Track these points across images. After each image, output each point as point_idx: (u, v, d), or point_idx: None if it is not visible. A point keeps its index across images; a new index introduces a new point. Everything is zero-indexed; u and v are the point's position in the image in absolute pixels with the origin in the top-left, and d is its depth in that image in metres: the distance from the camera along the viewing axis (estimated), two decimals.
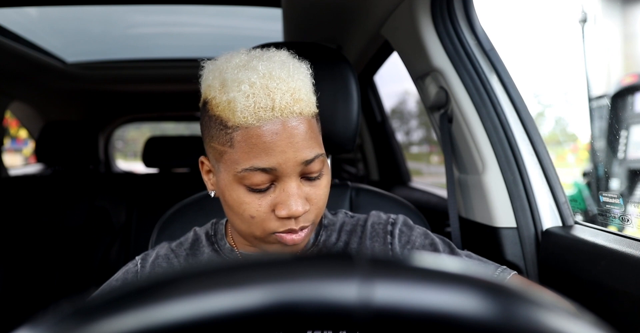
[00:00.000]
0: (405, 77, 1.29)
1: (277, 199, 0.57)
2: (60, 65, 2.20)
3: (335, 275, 0.21)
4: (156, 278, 0.22)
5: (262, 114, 0.54)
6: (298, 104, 0.56)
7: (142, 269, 0.69)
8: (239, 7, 1.63)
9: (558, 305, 0.22)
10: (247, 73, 0.56)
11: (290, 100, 0.55)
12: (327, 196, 0.62)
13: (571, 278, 0.85)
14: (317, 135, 0.60)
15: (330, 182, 0.63)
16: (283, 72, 0.56)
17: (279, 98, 0.54)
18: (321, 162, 0.59)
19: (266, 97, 0.54)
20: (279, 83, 0.55)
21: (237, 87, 0.55)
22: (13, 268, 1.75)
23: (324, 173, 0.61)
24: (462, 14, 1.06)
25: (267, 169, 0.55)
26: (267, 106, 0.54)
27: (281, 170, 0.56)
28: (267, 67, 0.56)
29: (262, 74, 0.55)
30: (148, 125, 6.82)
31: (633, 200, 2.26)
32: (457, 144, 1.12)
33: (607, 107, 2.69)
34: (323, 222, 0.74)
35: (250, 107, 0.54)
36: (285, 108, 0.55)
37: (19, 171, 2.67)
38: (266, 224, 0.58)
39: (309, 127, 0.58)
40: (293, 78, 0.57)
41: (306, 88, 0.58)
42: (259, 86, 0.55)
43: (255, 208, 0.58)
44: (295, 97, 0.56)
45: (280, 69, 0.57)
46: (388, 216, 0.74)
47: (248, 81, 0.55)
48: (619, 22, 3.28)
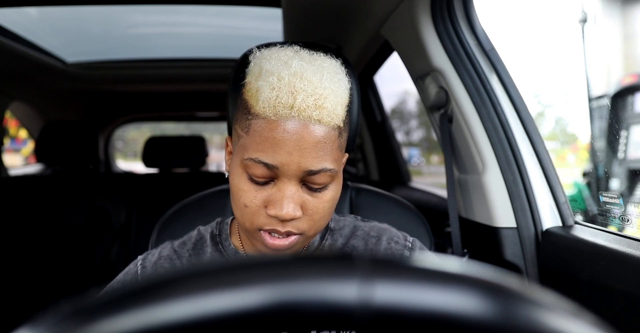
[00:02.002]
0: (405, 77, 1.29)
1: (272, 197, 0.58)
2: (60, 65, 2.20)
3: (335, 275, 0.21)
4: (156, 278, 0.22)
5: (280, 110, 0.55)
6: (319, 111, 0.55)
7: (143, 270, 0.69)
8: (239, 7, 1.63)
9: (558, 305, 0.22)
10: (280, 67, 0.56)
11: (312, 105, 0.55)
12: (327, 211, 0.60)
13: (571, 278, 0.85)
14: (334, 150, 0.58)
15: (336, 197, 0.61)
16: (315, 76, 0.56)
17: (300, 99, 0.54)
18: (328, 177, 0.58)
19: (289, 94, 0.55)
20: (306, 85, 0.55)
21: (266, 78, 0.56)
22: (13, 268, 1.75)
23: (329, 189, 0.59)
24: (462, 14, 1.06)
25: (269, 165, 0.56)
26: (287, 103, 0.54)
27: (282, 170, 0.56)
28: (302, 66, 0.57)
29: (293, 72, 0.56)
30: (148, 125, 6.83)
31: (633, 200, 2.26)
32: (457, 144, 1.12)
33: (607, 107, 2.69)
34: (329, 226, 0.72)
35: (272, 100, 0.55)
36: (305, 110, 0.54)
37: (19, 171, 2.67)
38: (255, 218, 0.59)
39: (325, 137, 0.56)
40: (322, 85, 0.56)
41: (334, 99, 0.57)
42: (286, 82, 0.55)
43: (250, 198, 0.58)
44: (318, 103, 0.55)
45: (314, 73, 0.56)
46: (405, 237, 0.72)
47: (277, 75, 0.56)
48: (619, 22, 3.28)
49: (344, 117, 0.59)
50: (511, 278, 0.23)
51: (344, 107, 0.60)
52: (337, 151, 0.59)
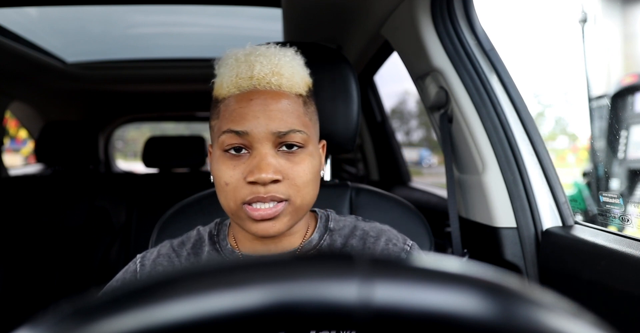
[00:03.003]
0: (405, 77, 1.29)
1: (249, 166, 0.60)
2: (60, 65, 2.20)
3: (335, 275, 0.21)
4: (156, 278, 0.22)
5: (241, 83, 0.61)
6: (277, 77, 0.61)
7: (142, 268, 0.69)
8: (239, 7, 1.63)
9: (558, 305, 0.22)
10: (237, 51, 0.64)
11: (268, 72, 0.60)
12: (308, 177, 0.62)
13: (571, 278, 0.85)
14: (300, 115, 0.62)
15: (315, 166, 0.64)
16: (268, 51, 0.63)
17: (258, 68, 0.60)
18: (301, 139, 0.61)
19: (247, 67, 0.61)
20: (261, 57, 0.61)
21: (226, 63, 0.64)
22: (13, 268, 1.75)
23: (304, 152, 0.62)
24: (462, 14, 1.06)
25: (239, 132, 0.60)
26: (246, 75, 0.60)
27: (253, 135, 0.59)
28: (255, 48, 0.64)
29: (248, 51, 0.63)
30: (148, 125, 6.82)
31: (633, 200, 2.26)
32: (457, 144, 1.12)
33: (607, 107, 2.69)
34: (329, 226, 0.72)
35: (233, 78, 0.61)
36: (263, 78, 0.60)
37: (19, 171, 2.67)
38: (237, 192, 0.60)
39: (289, 102, 0.61)
40: (276, 56, 0.62)
41: (291, 69, 0.62)
42: (243, 60, 0.62)
43: (229, 174, 0.61)
44: (274, 70, 0.61)
45: (267, 49, 0.63)
46: (404, 240, 0.72)
47: (234, 57, 0.63)
48: (619, 22, 3.28)
49: (304, 89, 0.65)
50: (511, 278, 0.23)
51: (304, 80, 0.65)
52: (304, 117, 0.63)
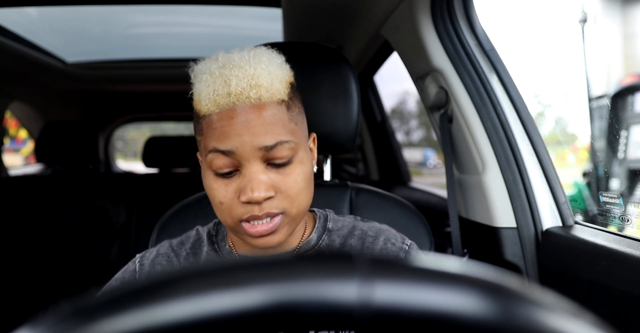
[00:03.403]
0: (405, 77, 1.29)
1: (241, 185, 0.59)
2: (60, 65, 2.20)
3: (335, 275, 0.21)
4: (156, 278, 0.22)
5: (219, 101, 0.58)
6: (255, 90, 0.58)
7: (141, 267, 0.69)
8: (239, 7, 1.63)
9: (558, 305, 0.22)
10: (210, 64, 0.60)
11: (246, 86, 0.57)
12: (300, 186, 0.61)
13: (571, 278, 0.85)
14: (285, 123, 0.60)
15: (307, 172, 0.62)
16: (242, 61, 0.59)
17: (234, 84, 0.57)
18: (289, 150, 0.59)
19: (223, 83, 0.58)
20: (235, 70, 0.58)
21: (200, 78, 0.60)
22: (13, 268, 1.75)
23: (294, 162, 0.60)
24: (462, 14, 1.06)
25: (225, 152, 0.58)
26: (223, 92, 0.57)
27: (239, 153, 0.58)
28: (228, 57, 0.60)
29: (221, 64, 0.59)
30: (148, 125, 6.82)
31: (633, 200, 2.26)
32: (457, 144, 1.12)
33: (607, 107, 2.69)
34: (327, 226, 0.72)
35: (210, 95, 0.58)
36: (241, 93, 0.57)
37: (19, 171, 2.67)
38: (233, 211, 0.59)
39: (271, 113, 0.59)
40: (251, 65, 0.59)
41: (269, 76, 0.59)
42: (218, 75, 0.58)
43: (222, 194, 0.59)
44: (252, 83, 0.58)
45: (239, 58, 0.60)
46: (403, 240, 0.72)
47: (209, 71, 0.59)
48: (619, 22, 3.28)
49: (286, 91, 0.61)
50: (511, 278, 0.23)
51: (283, 83, 0.61)
52: (289, 124, 0.61)
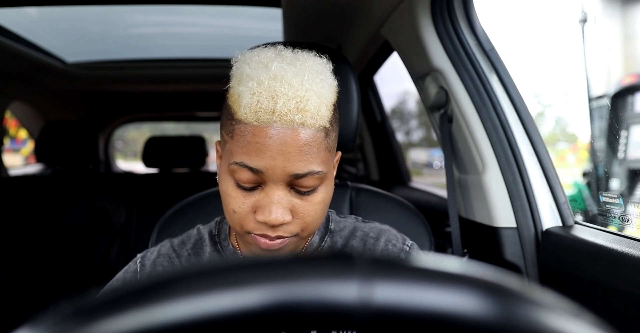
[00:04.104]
0: (405, 77, 1.29)
1: (260, 202, 0.57)
2: (60, 65, 2.20)
3: (335, 275, 0.21)
4: (156, 278, 0.22)
5: (261, 115, 0.54)
6: (301, 114, 0.54)
7: (142, 268, 0.68)
8: (239, 7, 1.63)
9: (558, 305, 0.22)
10: (260, 71, 0.55)
11: (293, 108, 0.53)
12: (318, 213, 0.59)
13: (571, 278, 0.85)
14: (320, 152, 0.56)
15: (328, 198, 0.60)
16: (296, 78, 0.55)
17: (281, 103, 0.53)
18: (317, 180, 0.57)
19: (270, 99, 0.53)
20: (287, 88, 0.54)
21: (247, 83, 0.55)
22: (13, 268, 1.75)
23: (319, 191, 0.58)
24: (462, 14, 1.06)
25: (254, 169, 0.55)
26: (268, 108, 0.53)
27: (268, 174, 0.55)
28: (281, 69, 0.55)
29: (272, 75, 0.54)
30: (148, 125, 6.82)
31: (633, 200, 2.26)
32: (457, 144, 1.12)
33: (607, 107, 2.69)
34: (330, 227, 0.72)
35: (253, 105, 0.54)
36: (286, 115, 0.53)
37: (19, 171, 2.67)
38: (245, 223, 0.58)
39: (310, 140, 0.55)
40: (304, 87, 0.54)
41: (318, 100, 0.55)
42: (266, 86, 0.54)
43: (238, 204, 0.57)
44: (300, 106, 0.54)
45: (294, 75, 0.55)
46: (404, 240, 0.71)
47: (257, 79, 0.54)
48: (619, 22, 3.28)
49: (329, 117, 0.58)
50: (511, 278, 0.23)
51: (329, 107, 0.58)
52: (324, 152, 0.57)
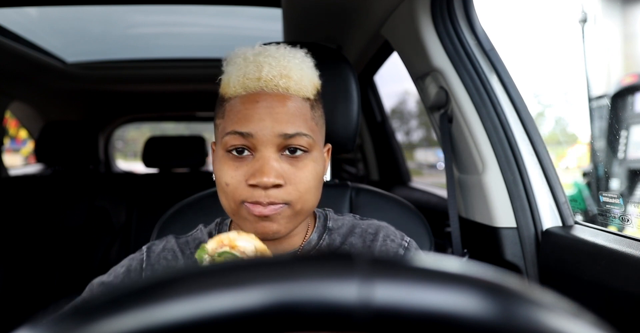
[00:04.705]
0: (405, 77, 1.29)
1: (252, 169, 0.59)
2: (60, 65, 2.20)
3: (335, 275, 0.21)
4: (156, 278, 0.22)
5: (248, 83, 0.59)
6: (285, 80, 0.59)
7: (148, 258, 0.69)
8: (239, 7, 1.63)
9: (558, 305, 0.22)
10: (246, 50, 0.62)
11: (277, 74, 0.59)
12: (311, 183, 0.61)
13: (571, 278, 0.85)
14: (307, 120, 0.61)
15: (319, 172, 0.63)
16: (278, 52, 0.61)
17: (266, 70, 0.59)
18: (306, 142, 0.60)
19: (255, 68, 0.60)
20: (270, 59, 0.60)
21: (234, 62, 0.62)
22: (13, 268, 1.75)
23: (308, 158, 0.61)
24: (462, 14, 1.06)
25: (244, 133, 0.59)
26: (254, 76, 0.59)
27: (258, 137, 0.58)
28: (264, 47, 0.62)
29: (257, 52, 0.61)
30: (148, 125, 6.82)
31: (633, 200, 2.26)
32: (457, 144, 1.12)
33: (607, 107, 2.69)
34: (328, 225, 0.72)
35: (240, 78, 0.60)
36: (271, 80, 0.59)
37: (19, 171, 2.67)
38: (237, 192, 0.60)
39: (296, 106, 0.60)
40: (286, 58, 0.61)
41: (299, 72, 0.61)
42: (252, 60, 0.60)
43: (230, 175, 0.60)
44: (283, 73, 0.59)
45: (276, 50, 0.62)
46: (402, 237, 0.72)
47: (243, 56, 0.61)
48: (619, 22, 3.28)
49: (313, 93, 0.63)
50: (511, 278, 0.23)
51: (312, 83, 0.63)
52: (311, 122, 0.62)
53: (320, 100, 0.67)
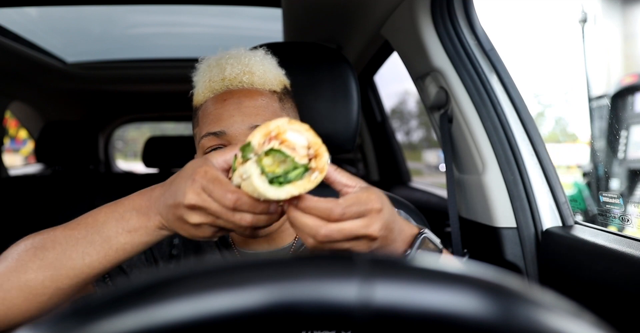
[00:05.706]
0: (405, 77, 1.29)
1: None
2: (60, 65, 2.20)
3: (335, 276, 0.21)
4: (157, 278, 0.22)
5: (214, 86, 0.63)
6: (248, 76, 0.62)
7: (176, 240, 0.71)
8: (239, 7, 1.63)
9: (558, 305, 0.22)
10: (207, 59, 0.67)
11: (239, 72, 0.62)
12: None
13: (571, 278, 0.85)
14: (277, 111, 0.63)
15: None
16: (238, 53, 0.65)
17: (228, 70, 0.62)
18: None
19: (218, 70, 0.63)
20: (231, 60, 0.63)
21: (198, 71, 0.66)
22: None
23: None
24: (462, 14, 1.06)
25: (217, 133, 0.60)
26: (218, 78, 0.62)
27: (230, 133, 0.60)
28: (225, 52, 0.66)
29: (219, 56, 0.65)
30: (148, 125, 6.82)
31: (633, 200, 2.26)
32: (457, 144, 1.12)
33: (607, 107, 2.69)
34: None
35: (206, 82, 0.63)
36: (235, 78, 0.62)
37: (19, 171, 2.67)
38: None
39: (262, 99, 0.62)
40: (247, 56, 0.64)
41: (262, 67, 0.64)
42: (214, 64, 0.64)
43: None
44: (245, 69, 0.63)
45: (236, 52, 0.65)
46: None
47: (206, 63, 0.66)
48: (619, 22, 3.28)
49: (280, 86, 0.66)
50: (511, 278, 0.23)
51: (277, 77, 0.66)
52: (280, 113, 0.65)
53: (290, 96, 0.69)
